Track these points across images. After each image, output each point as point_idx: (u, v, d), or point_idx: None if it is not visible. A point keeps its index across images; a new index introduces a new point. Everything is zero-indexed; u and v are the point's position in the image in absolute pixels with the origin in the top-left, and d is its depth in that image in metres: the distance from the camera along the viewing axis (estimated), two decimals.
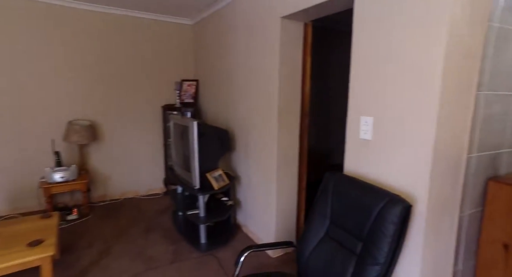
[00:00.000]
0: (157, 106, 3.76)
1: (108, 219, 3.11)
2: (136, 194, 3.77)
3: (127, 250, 2.53)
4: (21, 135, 3.10)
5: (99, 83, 3.40)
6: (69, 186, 3.02)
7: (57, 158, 3.03)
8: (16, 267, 1.73)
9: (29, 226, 2.13)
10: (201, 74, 3.74)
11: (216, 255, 2.45)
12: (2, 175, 3.06)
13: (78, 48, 3.24)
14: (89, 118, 3.40)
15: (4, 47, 2.92)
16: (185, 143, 2.61)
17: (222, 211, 2.63)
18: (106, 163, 3.56)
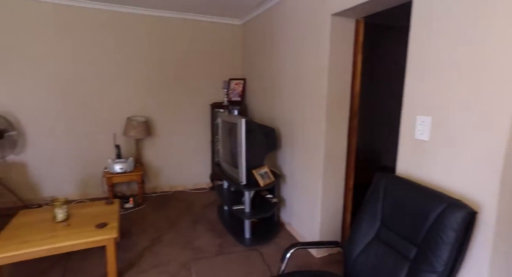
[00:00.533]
0: (206, 104, 3.93)
1: (159, 209, 3.34)
2: (184, 188, 3.99)
3: (177, 239, 2.69)
4: (91, 129, 3.47)
5: (154, 83, 3.66)
6: (127, 177, 3.30)
7: (117, 151, 3.33)
8: (87, 244, 1.96)
9: (96, 210, 2.38)
10: (248, 73, 3.82)
11: (260, 251, 2.50)
12: (75, 165, 3.46)
13: (136, 53, 3.51)
14: (145, 115, 3.67)
15: (76, 54, 3.28)
16: (232, 140, 2.70)
17: (267, 208, 2.67)
18: (158, 157, 3.82)
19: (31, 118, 3.23)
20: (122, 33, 3.43)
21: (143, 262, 2.32)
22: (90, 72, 3.38)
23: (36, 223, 2.12)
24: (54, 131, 3.33)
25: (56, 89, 3.27)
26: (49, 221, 2.17)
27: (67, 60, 3.27)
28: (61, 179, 3.43)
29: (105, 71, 3.43)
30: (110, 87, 3.48)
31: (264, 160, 2.72)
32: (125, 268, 2.24)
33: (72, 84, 3.33)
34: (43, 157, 3.33)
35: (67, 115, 3.35)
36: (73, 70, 3.31)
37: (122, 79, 3.52)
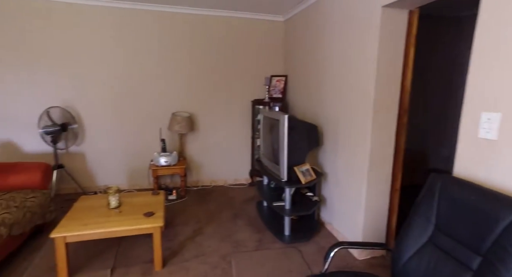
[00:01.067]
0: (247, 100, 3.97)
1: (200, 202, 3.45)
2: (224, 183, 4.08)
3: (217, 232, 2.76)
4: (139, 124, 3.68)
5: (198, 80, 3.78)
6: (171, 170, 3.46)
7: (162, 145, 3.50)
8: (137, 230, 2.09)
9: (144, 199, 2.53)
10: (290, 69, 3.79)
11: (299, 248, 2.47)
12: (125, 157, 3.70)
13: (180, 51, 3.66)
14: (189, 111, 3.81)
15: (126, 54, 3.50)
16: (274, 136, 2.70)
17: (307, 206, 2.63)
18: (200, 152, 3.95)
19: (88, 113, 3.51)
20: (167, 32, 3.58)
21: (185, 252, 2.42)
22: (138, 70, 3.58)
23: (93, 208, 2.31)
24: (107, 125, 3.59)
25: (109, 87, 3.53)
26: (104, 207, 2.35)
27: (119, 60, 3.50)
28: (113, 169, 3.70)
29: (152, 69, 3.62)
30: (156, 85, 3.66)
31: (305, 157, 2.68)
32: (169, 256, 2.35)
33: (123, 82, 3.56)
34: (98, 149, 3.61)
35: (118, 111, 3.60)
36: (123, 69, 3.54)
37: (167, 77, 3.68)
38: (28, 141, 3.40)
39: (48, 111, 3.20)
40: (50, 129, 3.14)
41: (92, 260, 2.26)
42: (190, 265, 2.24)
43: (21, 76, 3.27)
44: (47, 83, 3.34)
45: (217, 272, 2.16)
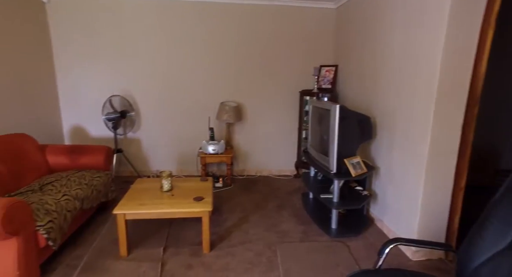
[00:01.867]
0: (295, 91, 3.90)
1: (246, 191, 3.50)
2: (269, 173, 4.09)
3: (262, 221, 2.78)
4: (189, 113, 3.83)
5: (246, 69, 3.80)
6: (218, 158, 3.55)
7: (211, 133, 3.60)
8: (187, 213, 2.18)
9: (193, 185, 2.63)
10: (341, 59, 3.62)
11: (346, 243, 2.39)
12: (175, 144, 3.90)
13: (229, 41, 3.69)
14: (237, 100, 3.86)
15: (177, 45, 3.63)
16: (323, 127, 2.61)
17: (356, 200, 2.52)
18: (247, 141, 3.99)
19: (144, 102, 3.74)
20: (217, 23, 3.64)
21: (232, 238, 2.48)
22: (189, 61, 3.70)
23: (148, 190, 2.46)
24: (160, 113, 3.80)
25: (163, 77, 3.71)
26: (157, 190, 2.49)
27: (172, 52, 3.65)
28: (164, 155, 3.92)
29: (202, 59, 3.72)
30: (206, 74, 3.76)
31: (356, 149, 2.56)
32: (216, 241, 2.43)
33: (175, 73, 3.71)
34: (152, 136, 3.84)
35: (170, 100, 3.78)
36: (176, 60, 3.68)
37: (217, 67, 3.75)
38: (94, 126, 3.74)
39: (110, 99, 3.47)
40: (112, 116, 3.41)
41: (147, 238, 2.43)
42: (236, 251, 2.29)
43: (89, 67, 3.59)
44: (110, 74, 3.63)
45: (262, 260, 2.18)
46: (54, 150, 2.83)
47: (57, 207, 2.06)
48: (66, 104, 3.68)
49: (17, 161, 2.45)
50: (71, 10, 3.44)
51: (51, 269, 2.01)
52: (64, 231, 2.05)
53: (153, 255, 2.21)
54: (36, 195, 2.15)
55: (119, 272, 2.00)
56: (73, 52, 3.54)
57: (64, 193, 2.24)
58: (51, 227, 1.91)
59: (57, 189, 2.31)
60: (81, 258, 2.15)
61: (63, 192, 2.25)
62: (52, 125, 3.54)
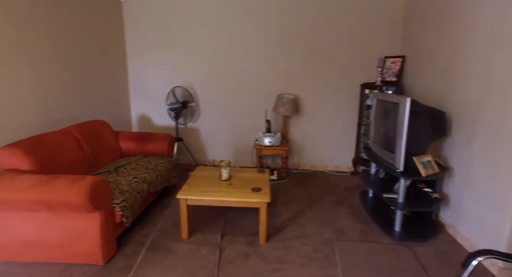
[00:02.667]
0: (355, 83, 3.70)
1: (301, 185, 3.45)
2: (325, 169, 3.97)
3: (318, 216, 2.71)
4: (246, 104, 3.88)
5: (304, 62, 3.70)
6: (274, 151, 3.54)
7: (267, 125, 3.60)
8: (245, 203, 2.21)
9: (250, 176, 2.66)
10: (409, 49, 3.32)
11: (412, 248, 2.21)
12: (231, 135, 3.99)
13: (288, 33, 3.62)
14: (294, 93, 3.79)
15: (235, 37, 3.67)
16: (390, 122, 2.43)
17: (425, 202, 2.31)
18: (303, 135, 3.92)
19: (203, 93, 3.89)
20: (274, 14, 3.59)
21: (288, 231, 2.45)
22: (247, 53, 3.73)
23: (208, 178, 2.55)
24: (218, 104, 3.91)
25: (221, 69, 3.79)
26: (216, 178, 2.57)
27: (229, 45, 3.71)
28: (221, 145, 4.03)
29: (260, 51, 3.71)
30: (264, 66, 3.75)
31: (427, 147, 2.33)
32: (272, 232, 2.43)
33: (232, 65, 3.77)
34: (210, 126, 3.98)
35: (228, 91, 3.86)
36: (233, 53, 3.74)
37: (275, 59, 3.72)
38: (157, 115, 4.00)
39: (174, 90, 3.67)
40: (174, 106, 3.60)
41: (205, 224, 2.53)
42: (293, 244, 2.26)
43: (156, 61, 3.83)
44: (173, 66, 3.83)
45: (319, 256, 2.13)
46: (125, 136, 3.09)
47: (129, 188, 2.24)
48: (135, 94, 3.99)
49: (98, 144, 2.72)
50: (143, 8, 3.69)
51: (124, 243, 2.21)
52: (134, 210, 2.23)
53: (212, 240, 2.29)
54: (111, 176, 2.36)
55: (181, 254, 2.11)
56: (142, 47, 3.81)
57: (134, 176, 2.43)
58: (124, 206, 2.09)
59: (128, 172, 2.51)
60: (147, 236, 2.32)
61: (134, 175, 2.44)
62: (123, 114, 3.87)
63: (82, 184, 1.77)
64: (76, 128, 2.61)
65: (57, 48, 2.69)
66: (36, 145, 2.12)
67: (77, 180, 1.80)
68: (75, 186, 1.76)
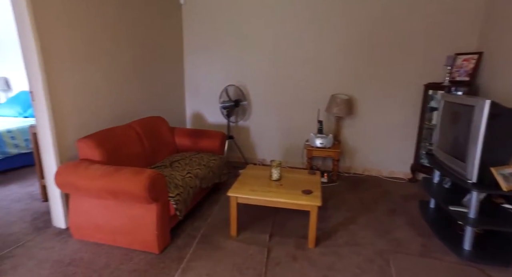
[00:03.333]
0: (416, 84, 3.40)
1: (352, 190, 3.28)
2: (378, 174, 3.73)
3: (371, 224, 2.55)
4: (298, 104, 3.81)
5: (359, 60, 3.50)
6: (325, 152, 3.42)
7: (319, 126, 3.49)
8: (295, 205, 2.16)
9: (301, 177, 2.59)
10: (489, 44, 2.94)
11: (487, 272, 1.94)
12: (281, 134, 3.95)
13: (342, 30, 3.45)
14: (348, 93, 3.62)
15: (287, 36, 3.60)
16: (460, 126, 2.17)
17: (505, 221, 2.02)
18: (356, 137, 3.72)
19: (254, 92, 3.90)
20: (332, 11, 3.44)
21: (338, 237, 2.34)
22: (299, 52, 3.64)
23: (258, 177, 2.55)
24: (269, 104, 3.89)
25: (273, 68, 3.77)
26: (266, 178, 2.55)
27: (283, 43, 3.66)
28: (270, 145, 4.02)
29: (313, 50, 3.60)
30: (317, 65, 3.64)
31: (510, 157, 2.03)
32: (321, 237, 2.34)
33: (285, 64, 3.72)
34: (260, 125, 3.99)
35: (279, 91, 3.82)
36: (287, 52, 3.68)
37: (328, 57, 3.58)
38: (210, 113, 4.13)
39: (227, 88, 3.75)
40: (227, 104, 3.67)
41: (254, 222, 2.53)
42: (343, 252, 2.15)
43: (210, 60, 3.95)
44: (226, 65, 3.91)
45: (372, 267, 1.99)
46: (180, 132, 3.23)
47: (183, 182, 2.33)
48: (189, 92, 4.16)
49: (156, 139, 2.89)
50: (200, 9, 3.83)
51: (176, 235, 2.31)
52: (187, 204, 2.31)
53: (260, 240, 2.28)
54: (167, 170, 2.49)
55: (229, 251, 2.14)
56: (198, 47, 3.95)
57: (188, 171, 2.52)
58: (178, 199, 2.18)
59: (182, 167, 2.62)
60: (198, 230, 2.40)
61: (187, 170, 2.54)
62: (179, 110, 4.07)
63: (142, 177, 1.88)
64: (138, 123, 2.80)
65: (123, 52, 2.91)
66: (105, 138, 2.31)
67: (138, 173, 1.91)
68: (136, 178, 1.88)
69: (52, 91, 2.16)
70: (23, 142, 3.67)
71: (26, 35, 2.01)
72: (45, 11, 2.08)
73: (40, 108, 2.14)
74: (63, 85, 2.26)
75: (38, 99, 2.12)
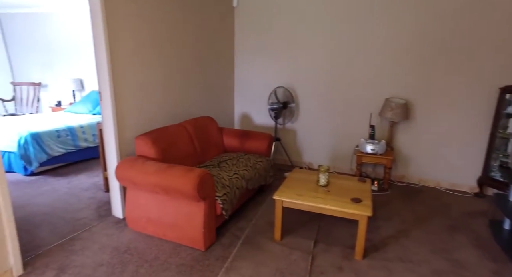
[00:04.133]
0: (489, 87, 3.03)
1: (406, 200, 3.05)
2: (437, 185, 3.41)
3: (428, 240, 2.33)
4: (347, 108, 3.65)
5: (419, 62, 3.22)
6: (377, 159, 3.22)
7: (371, 131, 3.30)
8: (343, 213, 2.06)
9: (350, 184, 2.48)
10: None
11: None
12: (329, 139, 3.83)
13: (399, 30, 3.20)
14: (405, 97, 3.37)
15: (336, 40, 3.46)
16: None
17: None
18: (412, 144, 3.45)
19: (303, 94, 3.83)
20: (389, 9, 3.22)
21: (388, 251, 2.19)
22: (353, 53, 3.48)
23: (304, 182, 2.49)
24: (318, 106, 3.79)
25: (324, 70, 3.66)
26: (313, 182, 2.48)
27: (334, 46, 3.53)
28: (317, 148, 3.92)
29: (368, 50, 3.41)
30: (369, 67, 3.44)
31: None
32: (370, 249, 2.21)
33: (336, 67, 3.58)
34: (307, 128, 3.91)
35: (329, 93, 3.70)
36: (338, 54, 3.54)
37: (382, 59, 3.37)
38: (257, 114, 4.16)
39: (275, 90, 3.74)
40: (275, 106, 3.67)
41: (298, 227, 2.48)
42: (394, 267, 2.00)
43: (259, 62, 3.98)
44: (276, 67, 3.90)
45: None
46: (228, 132, 3.31)
47: (230, 183, 2.38)
48: (238, 93, 4.25)
49: (205, 139, 3.00)
50: (253, 12, 3.88)
51: (221, 234, 2.37)
52: (233, 205, 2.35)
53: (304, 245, 2.23)
54: (215, 170, 2.56)
55: (273, 253, 2.12)
56: (249, 49, 4.01)
57: (235, 171, 2.57)
58: (225, 199, 2.22)
59: (229, 167, 2.67)
60: (243, 230, 2.42)
61: (234, 170, 2.59)
62: (227, 111, 4.18)
63: (192, 175, 1.95)
64: (189, 123, 2.93)
65: (181, 56, 3.07)
66: (160, 136, 2.46)
67: (189, 171, 2.00)
68: (186, 176, 1.96)
69: (117, 92, 2.37)
70: (91, 137, 4.09)
71: (99, 44, 2.23)
72: (116, 23, 2.28)
73: (106, 107, 2.35)
74: (126, 87, 2.45)
75: (105, 99, 2.34)
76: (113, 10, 2.26)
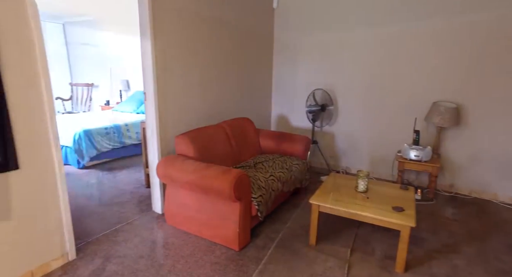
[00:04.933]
0: None
1: (454, 212, 2.81)
2: (493, 198, 3.10)
3: (481, 259, 2.13)
4: (390, 112, 3.47)
5: (473, 63, 2.96)
6: (421, 166, 3.02)
7: (415, 137, 3.10)
8: (383, 222, 1.96)
9: (391, 191, 2.35)
10: None
11: None
12: (369, 143, 3.67)
13: (452, 26, 2.96)
14: (456, 101, 3.12)
15: (379, 42, 3.29)
16: None
17: None
18: (462, 152, 3.18)
19: (343, 96, 3.72)
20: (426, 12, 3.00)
21: (433, 265, 2.04)
22: (396, 54, 3.29)
23: (342, 187, 2.41)
24: (358, 109, 3.65)
25: (365, 72, 3.51)
26: (351, 188, 2.39)
27: (377, 47, 3.37)
28: (355, 153, 3.77)
29: (413, 51, 3.20)
30: (415, 69, 3.23)
31: None
32: (412, 262, 2.07)
33: (379, 68, 3.42)
34: (346, 131, 3.79)
35: (370, 96, 3.54)
36: (381, 56, 3.37)
37: (429, 60, 3.14)
38: (294, 116, 4.12)
39: (314, 92, 3.67)
40: (313, 108, 3.60)
41: (334, 233, 2.40)
42: None
43: (298, 63, 3.95)
44: (314, 69, 3.84)
45: None
46: (265, 134, 3.31)
47: (266, 184, 2.37)
48: (276, 95, 4.24)
49: (242, 140, 3.03)
50: (292, 14, 3.86)
51: (255, 235, 2.37)
52: (268, 207, 2.34)
53: (340, 253, 2.16)
54: (251, 171, 2.57)
55: (307, 259, 2.07)
56: (287, 50, 3.99)
57: (271, 173, 2.56)
58: (260, 201, 2.22)
59: (265, 169, 2.67)
60: (277, 233, 2.40)
61: (270, 172, 2.57)
62: (265, 113, 4.19)
63: (230, 175, 1.98)
64: (227, 124, 2.97)
65: (221, 59, 3.13)
66: (199, 136, 2.53)
67: (226, 172, 2.03)
68: (224, 176, 1.99)
69: (160, 93, 2.48)
70: (135, 135, 4.33)
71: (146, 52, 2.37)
72: (161, 35, 2.39)
73: (150, 107, 2.47)
74: (168, 89, 2.56)
75: (149, 99, 2.46)
76: (160, 24, 2.37)
